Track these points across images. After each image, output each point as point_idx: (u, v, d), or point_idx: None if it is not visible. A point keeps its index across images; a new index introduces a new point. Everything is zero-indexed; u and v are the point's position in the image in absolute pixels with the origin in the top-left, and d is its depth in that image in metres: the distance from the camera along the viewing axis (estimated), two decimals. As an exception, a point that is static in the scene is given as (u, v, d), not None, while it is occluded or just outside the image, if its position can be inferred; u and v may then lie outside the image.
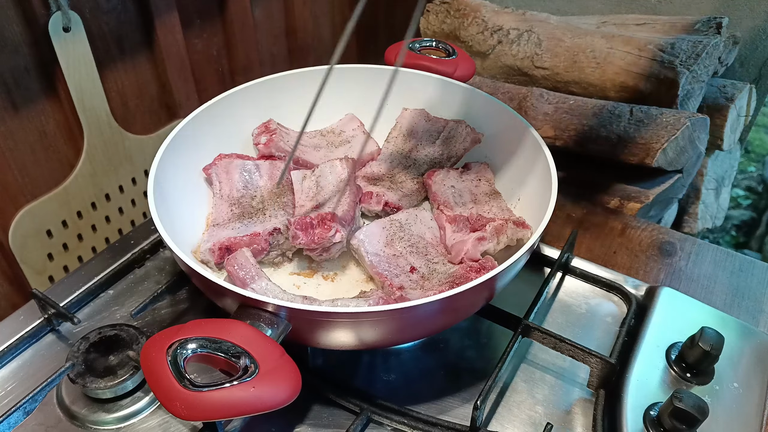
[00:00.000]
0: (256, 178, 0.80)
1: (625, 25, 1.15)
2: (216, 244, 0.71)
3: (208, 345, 0.51)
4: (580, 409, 0.66)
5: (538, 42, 1.13)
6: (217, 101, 0.81)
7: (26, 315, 0.73)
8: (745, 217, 1.89)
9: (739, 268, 0.83)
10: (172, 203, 0.71)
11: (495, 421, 0.65)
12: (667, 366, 0.67)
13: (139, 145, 0.98)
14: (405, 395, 0.67)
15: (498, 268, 0.59)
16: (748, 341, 0.70)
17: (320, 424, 0.64)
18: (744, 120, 1.18)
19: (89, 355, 0.66)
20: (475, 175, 0.82)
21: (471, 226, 0.73)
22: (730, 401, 0.65)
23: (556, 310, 0.77)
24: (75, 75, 0.84)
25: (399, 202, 0.80)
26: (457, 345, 0.73)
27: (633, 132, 0.96)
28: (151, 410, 0.65)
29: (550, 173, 0.70)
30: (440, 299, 0.55)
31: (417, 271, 0.71)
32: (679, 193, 1.07)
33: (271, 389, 0.50)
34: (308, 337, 0.60)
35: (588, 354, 0.65)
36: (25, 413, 0.60)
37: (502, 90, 1.10)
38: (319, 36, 1.30)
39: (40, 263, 0.89)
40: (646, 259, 0.85)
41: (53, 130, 0.87)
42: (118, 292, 0.78)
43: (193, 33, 1.02)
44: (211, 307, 0.75)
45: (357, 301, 0.64)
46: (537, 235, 0.63)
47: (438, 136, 0.87)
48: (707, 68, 1.04)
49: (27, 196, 0.86)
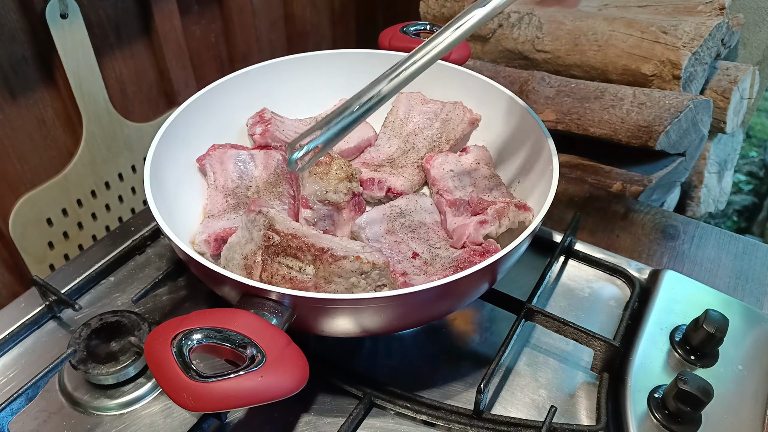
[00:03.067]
0: (250, 168, 0.80)
1: (627, 8, 1.14)
2: (212, 235, 0.70)
3: (214, 335, 0.51)
4: (584, 393, 0.66)
5: (539, 25, 1.12)
6: (211, 89, 0.80)
7: (27, 302, 0.73)
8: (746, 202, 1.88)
9: (743, 251, 0.83)
10: (169, 192, 0.71)
11: (498, 404, 0.65)
12: (671, 348, 0.67)
13: (138, 132, 0.97)
14: (408, 380, 0.67)
15: (503, 251, 0.59)
16: (752, 324, 0.70)
17: (323, 409, 0.64)
18: (747, 102, 1.17)
19: (91, 341, 0.66)
20: (473, 158, 0.82)
21: (472, 210, 0.73)
22: (734, 383, 0.64)
23: (559, 294, 0.77)
24: (73, 62, 0.84)
25: (401, 187, 0.80)
26: (460, 329, 0.73)
27: (635, 115, 0.96)
28: (153, 396, 0.65)
29: (552, 156, 0.70)
30: (445, 284, 0.55)
31: (419, 257, 0.70)
32: (681, 177, 1.06)
33: (278, 378, 0.49)
34: (312, 325, 0.60)
35: (592, 337, 0.65)
36: (27, 399, 0.60)
37: (503, 74, 1.09)
38: (318, 22, 1.29)
39: (40, 252, 0.89)
40: (649, 243, 0.85)
41: (52, 118, 0.86)
42: (119, 278, 0.78)
43: (191, 19, 1.01)
44: (211, 293, 0.74)
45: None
46: (541, 215, 0.63)
47: (436, 119, 0.86)
48: (710, 50, 1.04)
49: (26, 185, 0.86)
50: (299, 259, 0.59)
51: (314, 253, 0.59)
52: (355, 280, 0.60)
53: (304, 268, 0.59)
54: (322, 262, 0.59)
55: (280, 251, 0.60)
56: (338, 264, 0.59)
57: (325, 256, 0.59)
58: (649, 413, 0.61)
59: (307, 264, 0.59)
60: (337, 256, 0.59)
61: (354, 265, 0.59)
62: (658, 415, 0.61)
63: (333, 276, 0.59)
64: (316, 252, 0.59)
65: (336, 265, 0.59)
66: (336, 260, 0.59)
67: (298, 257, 0.59)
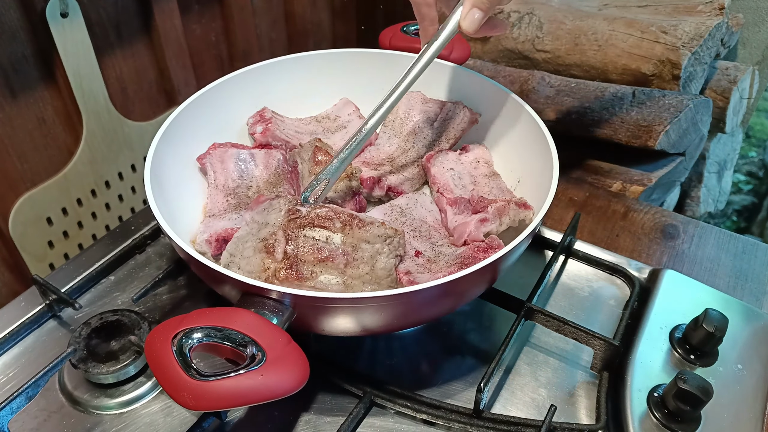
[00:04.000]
0: (251, 167, 0.80)
1: (627, 7, 1.14)
2: (213, 235, 0.70)
3: (214, 334, 0.51)
4: (584, 392, 0.66)
5: (539, 25, 1.12)
6: (212, 88, 0.80)
7: (27, 301, 0.73)
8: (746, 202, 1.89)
9: (743, 250, 0.83)
10: (170, 191, 0.71)
11: (498, 404, 0.65)
12: (670, 348, 0.67)
13: (138, 131, 0.97)
14: (408, 379, 0.67)
15: (509, 246, 0.59)
16: (751, 323, 0.70)
17: (323, 408, 0.64)
18: (747, 102, 1.17)
19: (91, 340, 0.66)
20: (473, 157, 0.82)
21: (473, 208, 0.73)
22: (734, 382, 0.65)
23: (559, 293, 0.77)
24: (73, 61, 0.84)
25: (401, 186, 0.80)
26: (460, 328, 0.73)
27: (635, 114, 0.96)
28: (153, 395, 0.65)
29: (552, 156, 0.70)
30: (450, 281, 0.55)
31: (422, 255, 0.70)
32: (681, 177, 1.07)
33: (279, 377, 0.49)
34: (313, 324, 0.60)
35: (591, 336, 0.65)
36: (27, 398, 0.60)
37: (503, 74, 1.09)
38: (318, 21, 1.29)
39: (40, 251, 0.89)
40: (649, 242, 0.85)
41: (52, 116, 0.86)
42: (119, 277, 0.78)
43: (191, 18, 1.01)
44: (212, 292, 0.74)
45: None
46: (542, 213, 0.63)
47: (436, 118, 0.86)
48: (710, 50, 1.04)
49: (27, 184, 0.85)
50: (327, 229, 0.61)
51: (343, 220, 0.61)
52: (380, 246, 0.62)
53: (331, 237, 0.61)
54: (351, 227, 0.61)
55: (306, 224, 0.61)
56: (366, 229, 0.61)
57: (354, 221, 0.61)
58: (648, 412, 0.61)
59: (335, 232, 0.61)
60: (365, 221, 0.61)
61: (380, 230, 0.62)
62: (657, 414, 0.61)
63: (360, 242, 0.61)
64: (345, 218, 0.61)
65: (364, 230, 0.61)
66: (364, 225, 0.61)
67: (325, 227, 0.61)
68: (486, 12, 0.64)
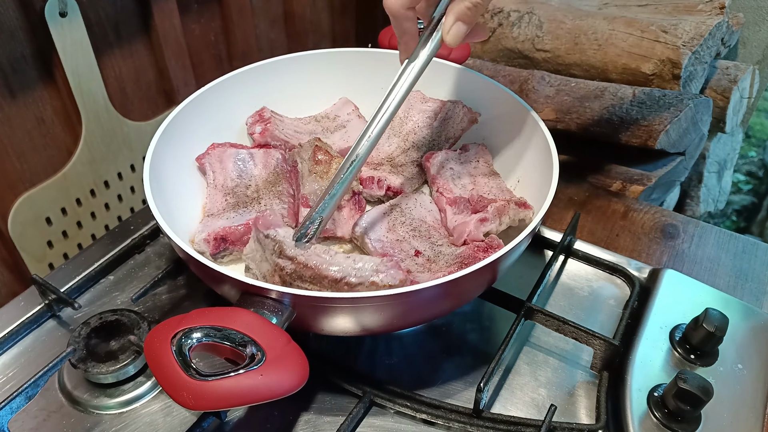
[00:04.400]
0: (250, 167, 0.80)
1: (626, 6, 1.14)
2: (211, 234, 0.70)
3: (214, 334, 0.51)
4: (584, 391, 0.66)
5: (539, 24, 1.12)
6: (210, 87, 0.80)
7: (26, 301, 0.73)
8: (745, 202, 1.89)
9: (743, 250, 0.83)
10: (169, 191, 0.71)
11: (498, 403, 0.65)
12: (670, 347, 0.67)
13: (137, 131, 0.97)
14: (408, 378, 0.67)
15: (509, 245, 0.59)
16: (752, 323, 0.70)
17: (323, 408, 0.64)
18: (747, 102, 1.17)
19: (90, 340, 0.65)
20: (473, 156, 0.82)
21: (472, 208, 0.73)
22: (734, 382, 0.64)
23: (559, 293, 0.77)
24: (72, 61, 0.83)
25: (401, 186, 0.80)
26: (460, 328, 0.73)
27: (635, 114, 0.96)
28: (153, 395, 0.64)
29: (551, 155, 0.70)
30: (450, 280, 0.55)
31: (422, 255, 0.70)
32: (681, 176, 1.06)
33: (279, 377, 0.49)
34: (313, 324, 0.59)
35: (591, 336, 0.65)
36: (27, 398, 0.60)
37: (502, 73, 1.09)
38: (318, 21, 1.29)
39: (39, 251, 0.89)
40: (649, 242, 0.85)
41: (51, 116, 0.86)
42: (119, 277, 0.77)
43: (190, 18, 1.01)
44: (211, 291, 0.74)
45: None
46: (542, 212, 0.63)
47: (435, 118, 0.86)
48: (710, 49, 1.04)
49: (26, 184, 0.85)
50: (316, 285, 0.60)
51: (329, 283, 0.60)
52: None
53: (322, 289, 0.60)
54: (339, 289, 0.60)
55: (296, 277, 0.61)
56: (355, 290, 0.60)
57: (340, 285, 0.60)
58: (648, 412, 0.61)
59: (325, 288, 0.60)
60: (353, 284, 0.60)
61: (371, 290, 0.60)
62: (657, 413, 0.61)
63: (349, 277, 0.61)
64: (331, 282, 0.60)
65: (353, 291, 0.60)
66: (352, 287, 0.60)
67: (314, 283, 0.60)
68: (470, 25, 0.61)
